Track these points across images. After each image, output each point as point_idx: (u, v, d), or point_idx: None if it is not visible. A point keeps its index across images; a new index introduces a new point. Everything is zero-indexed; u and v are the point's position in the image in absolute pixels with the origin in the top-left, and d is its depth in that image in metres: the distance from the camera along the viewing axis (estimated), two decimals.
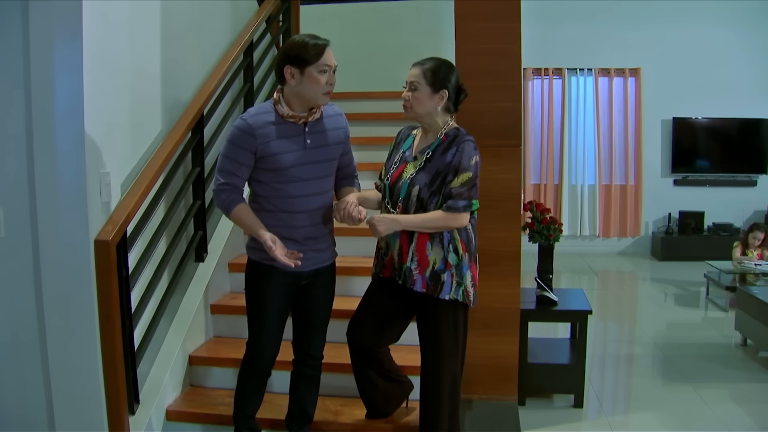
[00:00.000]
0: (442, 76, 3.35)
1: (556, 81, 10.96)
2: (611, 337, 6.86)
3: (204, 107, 4.39)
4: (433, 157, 3.36)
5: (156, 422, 3.78)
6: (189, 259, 4.37)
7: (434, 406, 3.45)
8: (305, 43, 3.16)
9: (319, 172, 3.30)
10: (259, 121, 3.19)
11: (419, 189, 3.32)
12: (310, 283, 3.40)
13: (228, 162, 3.19)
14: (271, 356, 3.45)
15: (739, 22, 10.50)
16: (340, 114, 3.47)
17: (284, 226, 3.25)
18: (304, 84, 3.17)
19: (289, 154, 3.20)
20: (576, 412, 4.72)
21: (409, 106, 3.37)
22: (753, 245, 7.98)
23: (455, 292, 3.36)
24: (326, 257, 3.44)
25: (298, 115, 3.23)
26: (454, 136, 3.37)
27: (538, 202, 5.00)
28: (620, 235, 11.11)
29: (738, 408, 4.86)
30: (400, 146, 3.55)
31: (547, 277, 4.93)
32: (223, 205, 3.23)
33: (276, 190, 3.23)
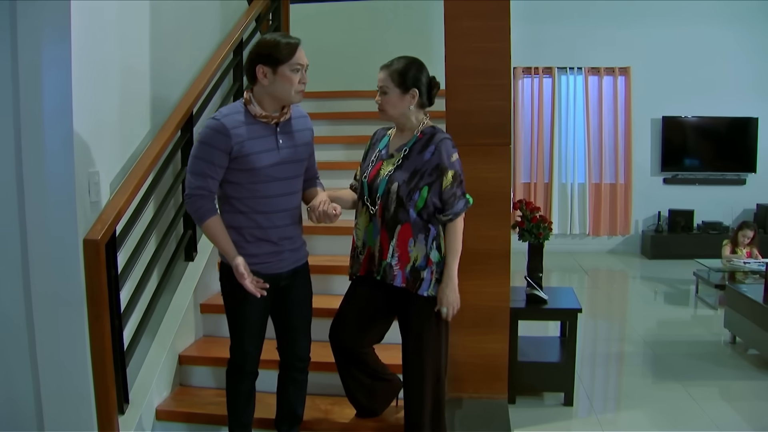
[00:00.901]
0: (411, 75, 3.37)
1: (546, 80, 10.97)
2: (601, 335, 6.87)
3: (193, 106, 4.39)
4: (410, 155, 3.38)
5: (146, 422, 3.78)
6: (178, 259, 4.36)
7: (417, 404, 3.47)
8: (277, 42, 3.13)
9: (291, 172, 3.29)
10: (232, 120, 3.15)
11: (398, 186, 3.34)
12: (288, 284, 3.39)
13: (202, 164, 3.13)
14: (257, 359, 3.45)
15: (728, 21, 10.52)
16: (305, 116, 3.46)
17: (259, 228, 3.23)
18: (277, 83, 3.15)
19: (264, 154, 3.18)
20: (566, 411, 4.72)
21: (383, 109, 3.40)
22: (742, 243, 8.00)
23: (433, 290, 3.38)
24: (302, 256, 3.45)
25: (271, 115, 3.21)
26: (431, 134, 3.39)
27: (527, 200, 5.00)
28: (610, 233, 11.13)
29: (727, 405, 4.87)
30: (375, 146, 3.58)
31: (537, 275, 4.94)
32: (198, 213, 3.17)
33: (250, 191, 3.19)
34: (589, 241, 11.17)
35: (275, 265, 3.29)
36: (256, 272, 3.23)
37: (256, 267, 3.24)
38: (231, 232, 3.22)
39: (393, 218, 3.36)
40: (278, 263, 3.30)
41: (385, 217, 3.38)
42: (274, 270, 3.29)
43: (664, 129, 10.85)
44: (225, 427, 3.56)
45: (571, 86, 10.95)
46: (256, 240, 3.23)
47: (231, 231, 3.22)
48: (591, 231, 11.12)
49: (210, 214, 3.17)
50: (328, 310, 3.91)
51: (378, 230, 3.40)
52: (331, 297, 4.21)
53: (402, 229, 3.35)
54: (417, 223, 3.34)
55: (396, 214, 3.35)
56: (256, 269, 3.23)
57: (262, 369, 3.52)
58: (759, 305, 5.63)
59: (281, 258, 3.30)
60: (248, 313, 3.30)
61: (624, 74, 10.84)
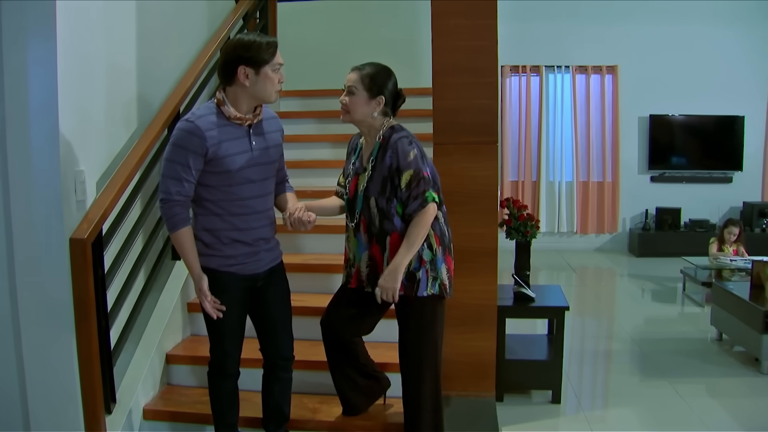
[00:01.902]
0: (380, 82, 3.38)
1: (533, 78, 10.98)
2: (589, 333, 6.89)
3: (180, 105, 4.36)
4: (377, 164, 3.37)
5: (133, 421, 3.76)
6: (165, 258, 4.35)
7: (418, 405, 3.48)
8: (260, 43, 3.11)
9: (264, 173, 3.29)
10: (206, 122, 3.11)
11: (375, 200, 3.35)
12: (266, 284, 3.39)
13: (178, 167, 3.09)
14: (238, 359, 3.44)
15: (715, 20, 10.56)
16: (275, 116, 3.45)
17: (235, 230, 3.22)
18: (259, 84, 3.14)
19: (238, 156, 3.16)
20: (554, 408, 4.73)
21: (347, 110, 3.40)
22: (729, 241, 8.03)
23: (432, 287, 3.38)
24: (277, 255, 3.45)
25: (244, 117, 3.19)
26: (389, 136, 3.38)
27: (515, 198, 5.01)
28: (598, 231, 11.16)
29: (714, 402, 4.89)
30: (350, 157, 3.59)
31: (525, 273, 4.94)
32: (172, 220, 3.13)
33: (226, 193, 3.18)
34: (577, 239, 11.20)
35: (252, 265, 3.29)
36: (232, 273, 3.24)
37: (234, 268, 3.24)
38: (206, 234, 3.22)
39: (381, 231, 3.37)
40: (255, 264, 3.30)
41: (372, 231, 3.39)
42: (250, 271, 3.29)
43: (651, 127, 10.89)
44: (212, 426, 3.55)
45: (558, 85, 10.97)
46: (232, 242, 3.22)
47: (206, 233, 3.22)
48: (579, 229, 11.15)
49: (183, 224, 3.15)
50: (316, 309, 3.93)
51: (364, 245, 3.42)
52: (319, 296, 4.21)
53: (392, 239, 3.35)
54: (403, 230, 3.33)
55: (383, 227, 3.36)
56: (234, 270, 3.24)
57: (247, 368, 3.53)
58: (745, 302, 5.66)
59: (258, 258, 3.30)
60: (227, 315, 3.28)
61: (611, 73, 10.86)
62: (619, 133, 10.91)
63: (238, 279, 3.26)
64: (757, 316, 5.42)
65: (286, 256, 3.60)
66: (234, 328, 3.37)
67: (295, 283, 3.80)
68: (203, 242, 3.23)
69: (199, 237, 3.23)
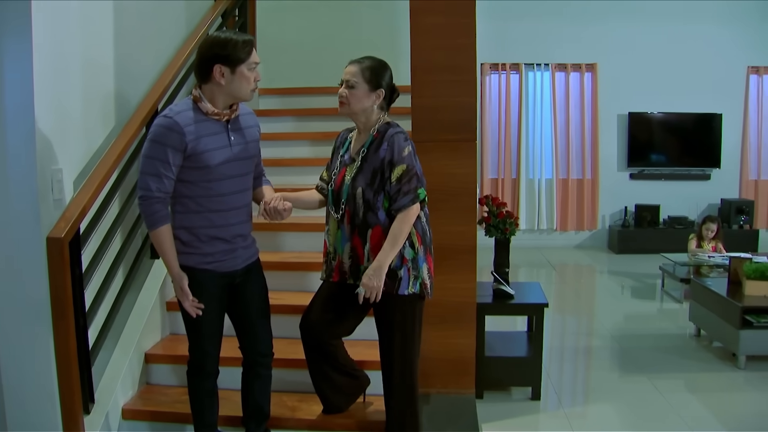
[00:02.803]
0: (379, 75, 3.38)
1: (513, 76, 11.01)
2: (569, 329, 6.92)
3: (159, 102, 4.34)
4: (368, 156, 3.37)
5: (112, 421, 3.74)
6: (144, 256, 4.33)
7: (402, 404, 3.49)
8: (236, 42, 3.10)
9: (243, 169, 3.28)
10: (184, 118, 3.10)
11: (362, 190, 3.34)
12: (243, 281, 3.38)
13: (157, 163, 3.07)
14: (217, 358, 3.43)
15: (693, 19, 10.63)
16: (251, 112, 3.44)
17: (213, 226, 3.21)
18: (235, 82, 3.13)
19: (217, 151, 3.15)
20: (533, 405, 4.75)
21: (347, 102, 3.37)
22: (707, 237, 8.09)
23: (413, 286, 3.37)
24: (254, 252, 3.44)
25: (222, 112, 3.18)
26: (385, 131, 3.38)
27: (494, 196, 5.02)
28: (577, 228, 11.21)
29: (692, 397, 4.93)
30: (338, 151, 3.56)
31: (504, 270, 4.95)
32: (152, 217, 3.11)
33: (204, 189, 3.17)
34: (557, 237, 11.24)
35: (230, 263, 3.28)
36: (210, 271, 3.23)
37: (211, 266, 3.23)
38: (184, 232, 3.20)
39: (363, 223, 3.36)
40: (232, 261, 3.29)
41: (355, 222, 3.37)
42: (228, 268, 3.28)
43: (630, 125, 10.95)
44: (192, 425, 3.54)
45: (538, 82, 11.01)
46: (210, 239, 3.21)
47: (184, 231, 3.20)
48: (558, 226, 11.19)
49: (163, 222, 3.13)
50: (296, 307, 3.93)
51: (347, 237, 3.40)
52: (306, 294, 4.20)
53: (374, 232, 3.34)
54: (387, 224, 3.33)
55: (366, 219, 3.35)
56: (211, 268, 3.23)
57: (226, 366, 3.53)
58: (723, 298, 5.70)
59: (235, 255, 3.30)
60: (205, 313, 3.27)
61: (591, 70, 10.91)
62: (599, 130, 10.97)
63: (215, 277, 3.25)
64: (734, 312, 5.47)
65: (264, 254, 3.60)
66: (212, 327, 3.36)
67: (274, 281, 3.80)
68: (181, 240, 3.21)
69: (176, 235, 3.21)
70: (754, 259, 6.33)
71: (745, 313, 5.45)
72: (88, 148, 3.86)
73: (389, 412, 3.52)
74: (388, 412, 3.53)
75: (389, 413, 3.52)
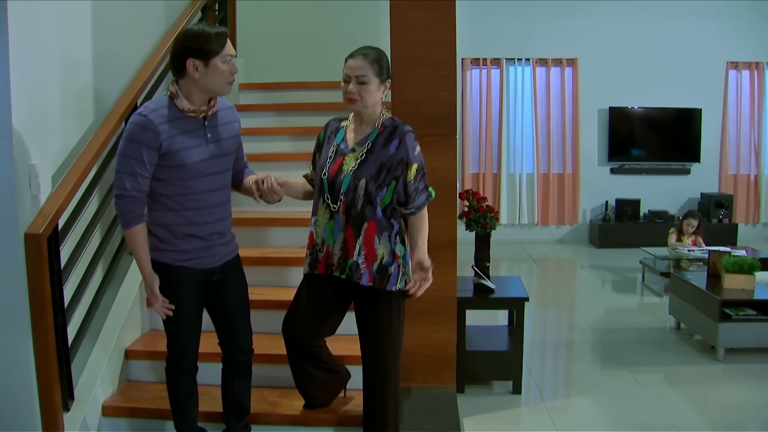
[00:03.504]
0: (385, 65, 3.34)
1: (494, 71, 11.04)
2: (550, 323, 6.95)
3: (138, 97, 4.30)
4: (374, 149, 3.32)
5: (91, 419, 3.72)
6: (124, 252, 4.30)
7: (384, 401, 3.47)
8: (208, 34, 3.05)
9: (220, 166, 3.25)
10: (159, 116, 3.07)
11: (366, 182, 3.28)
12: (221, 278, 3.36)
13: (132, 162, 3.04)
14: (195, 354, 3.42)
15: (673, 14, 10.70)
16: (231, 107, 3.40)
17: (190, 224, 3.18)
18: (209, 76, 3.08)
19: (193, 149, 3.12)
20: (514, 398, 4.77)
21: (359, 99, 3.27)
22: (687, 232, 8.14)
23: (400, 283, 3.37)
24: (232, 249, 3.41)
25: (198, 110, 3.15)
26: (393, 126, 3.35)
27: (474, 190, 5.02)
28: (558, 223, 11.26)
29: (672, 390, 4.97)
30: (331, 140, 3.48)
31: (485, 265, 4.96)
32: (127, 216, 3.08)
33: (180, 187, 3.14)
34: (538, 231, 11.28)
35: (207, 260, 3.26)
36: (187, 268, 3.21)
37: (188, 263, 3.21)
38: (160, 229, 3.18)
39: (360, 216, 3.30)
40: (209, 258, 3.27)
41: (351, 214, 3.31)
42: (205, 265, 3.26)
43: (610, 119, 11.01)
44: (172, 421, 3.52)
45: (519, 77, 11.05)
46: (186, 236, 3.19)
47: (160, 228, 3.18)
48: (539, 221, 11.23)
49: (137, 221, 3.10)
50: (277, 303, 3.92)
51: (341, 228, 3.34)
52: (286, 289, 4.19)
53: (368, 226, 3.30)
54: (382, 220, 3.31)
55: (363, 212, 3.30)
56: (189, 265, 3.21)
57: (206, 363, 3.51)
58: (702, 292, 5.74)
59: (212, 253, 3.26)
60: (183, 310, 3.26)
61: (571, 65, 10.95)
62: (579, 125, 11.02)
63: (193, 273, 3.23)
64: (713, 305, 5.51)
65: (245, 249, 3.59)
66: (190, 323, 3.34)
67: (255, 276, 3.79)
68: (157, 237, 3.19)
69: (153, 232, 3.19)
70: (733, 252, 6.40)
71: (724, 306, 5.50)
72: (66, 144, 3.83)
73: (370, 407, 3.51)
74: (368, 406, 3.51)
75: (370, 408, 3.51)
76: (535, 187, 11.12)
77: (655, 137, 11.14)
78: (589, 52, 10.86)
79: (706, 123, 10.98)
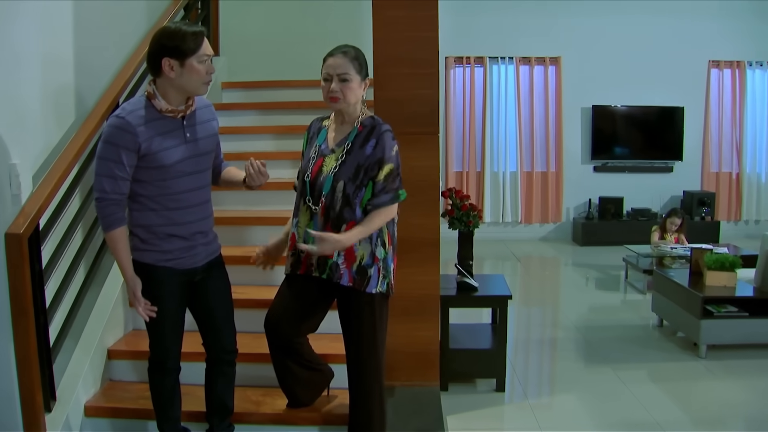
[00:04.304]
0: (364, 62, 3.34)
1: (477, 69, 11.04)
2: (534, 321, 6.97)
3: (120, 96, 4.29)
4: (352, 149, 3.31)
5: (74, 419, 3.70)
6: (106, 251, 4.27)
7: (369, 400, 3.46)
8: (184, 33, 3.01)
9: (200, 165, 3.23)
10: (137, 117, 3.04)
11: (344, 184, 3.27)
12: (204, 278, 3.34)
13: (111, 164, 3.00)
14: (178, 354, 3.40)
15: (656, 12, 10.73)
16: (209, 105, 3.37)
17: (172, 224, 3.16)
18: (184, 76, 3.04)
19: (172, 150, 3.09)
20: (498, 396, 4.78)
21: (342, 97, 3.26)
22: (670, 230, 8.18)
23: (381, 286, 3.36)
24: (215, 248, 3.40)
25: (176, 109, 3.12)
26: (371, 125, 3.34)
27: (457, 189, 5.03)
28: (542, 221, 11.28)
29: (655, 387, 4.99)
30: (313, 141, 3.48)
31: (468, 263, 4.96)
32: (107, 219, 3.05)
33: (160, 188, 3.11)
34: (522, 229, 11.30)
35: (189, 260, 3.24)
36: (170, 268, 3.19)
37: (170, 263, 3.19)
38: (142, 230, 3.16)
39: (339, 217, 3.29)
40: (192, 258, 3.25)
41: (329, 215, 3.30)
42: (188, 265, 3.24)
43: (594, 118, 11.04)
44: (155, 421, 3.50)
45: (502, 76, 11.05)
46: (168, 236, 3.16)
47: (142, 229, 3.16)
48: (523, 219, 11.25)
49: (118, 224, 3.06)
50: (259, 301, 3.91)
51: (320, 229, 3.31)
52: (266, 288, 4.18)
53: (347, 228, 3.28)
54: (361, 221, 3.30)
55: (342, 213, 3.29)
56: (171, 265, 3.19)
57: (190, 362, 3.50)
58: (684, 289, 5.77)
59: (195, 253, 3.24)
60: (165, 310, 3.24)
61: (555, 64, 10.98)
62: (563, 123, 11.05)
63: (175, 274, 3.21)
64: (695, 302, 5.54)
65: (227, 248, 3.58)
66: (173, 324, 3.32)
67: (237, 275, 3.78)
68: (139, 237, 3.17)
69: (134, 233, 3.17)
70: (715, 250, 6.45)
71: (706, 303, 5.53)
72: (46, 143, 3.81)
73: (355, 406, 3.50)
74: (353, 405, 3.51)
75: (355, 407, 3.50)
76: (518, 185, 11.14)
77: (638, 135, 11.19)
78: (572, 50, 10.89)
79: (688, 121, 11.04)
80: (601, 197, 10.93)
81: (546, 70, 10.99)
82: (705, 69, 11.07)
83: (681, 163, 11.13)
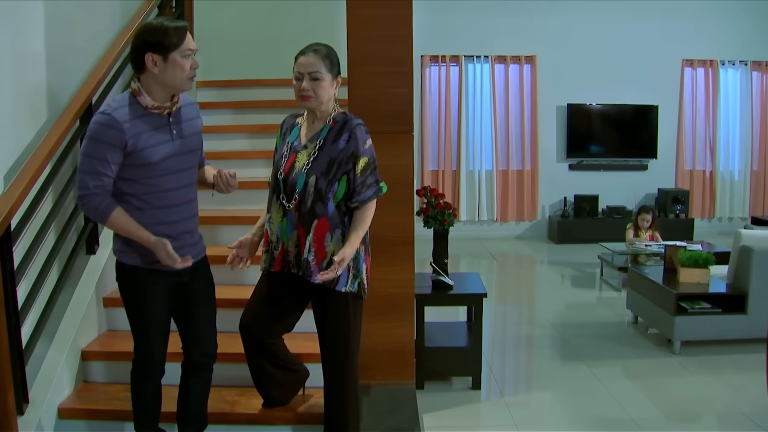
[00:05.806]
0: (336, 61, 3.34)
1: (453, 68, 11.05)
2: (510, 319, 6.98)
3: (93, 95, 4.26)
4: (325, 145, 3.31)
5: (47, 421, 3.66)
6: (80, 252, 4.25)
7: (342, 400, 3.47)
8: (166, 28, 2.98)
9: (186, 163, 3.19)
10: (123, 114, 3.00)
11: (316, 179, 3.27)
12: (191, 279, 3.30)
13: (95, 162, 2.95)
14: (163, 357, 3.35)
15: (631, 11, 10.81)
16: (194, 103, 3.35)
17: (159, 223, 3.11)
18: (168, 71, 3.01)
19: (159, 147, 3.06)
20: (474, 394, 4.79)
21: (314, 95, 3.26)
22: (643, 227, 8.25)
23: (351, 285, 3.36)
24: (201, 249, 3.37)
25: (162, 106, 3.08)
26: (343, 121, 3.35)
27: (432, 187, 5.04)
28: (518, 219, 11.32)
29: (629, 383, 5.03)
30: (286, 137, 3.48)
31: (443, 261, 4.97)
32: (98, 210, 3.01)
33: (147, 186, 3.07)
34: (497, 227, 11.33)
35: None
36: (156, 270, 3.15)
37: (158, 265, 3.12)
38: None
39: (310, 212, 3.29)
40: None
41: (301, 211, 3.30)
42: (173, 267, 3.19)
43: (569, 116, 11.10)
44: (131, 422, 3.48)
45: (478, 74, 11.06)
46: (156, 236, 3.10)
47: None
48: (499, 217, 11.28)
49: (111, 208, 3.01)
50: (235, 301, 3.90)
51: (293, 225, 3.33)
52: (240, 288, 4.17)
53: (319, 223, 3.29)
54: (334, 217, 3.30)
55: (313, 209, 3.28)
56: (158, 267, 3.13)
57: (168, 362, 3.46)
58: (658, 286, 5.82)
59: (182, 253, 3.17)
60: (152, 312, 3.21)
61: (530, 62, 11.01)
62: (538, 122, 11.09)
63: (161, 275, 3.17)
64: (669, 299, 5.58)
65: None
66: (160, 326, 3.27)
67: None
68: (124, 239, 3.13)
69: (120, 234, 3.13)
70: (688, 247, 6.49)
71: (680, 300, 5.58)
72: (18, 143, 3.77)
73: (330, 405, 3.51)
74: (328, 404, 3.51)
75: (330, 406, 3.51)
76: (494, 183, 11.16)
77: (613, 134, 11.25)
78: (547, 49, 10.93)
79: (662, 120, 11.12)
80: (577, 195, 10.98)
81: (521, 69, 11.03)
82: (679, 68, 11.15)
83: (655, 161, 11.21)
